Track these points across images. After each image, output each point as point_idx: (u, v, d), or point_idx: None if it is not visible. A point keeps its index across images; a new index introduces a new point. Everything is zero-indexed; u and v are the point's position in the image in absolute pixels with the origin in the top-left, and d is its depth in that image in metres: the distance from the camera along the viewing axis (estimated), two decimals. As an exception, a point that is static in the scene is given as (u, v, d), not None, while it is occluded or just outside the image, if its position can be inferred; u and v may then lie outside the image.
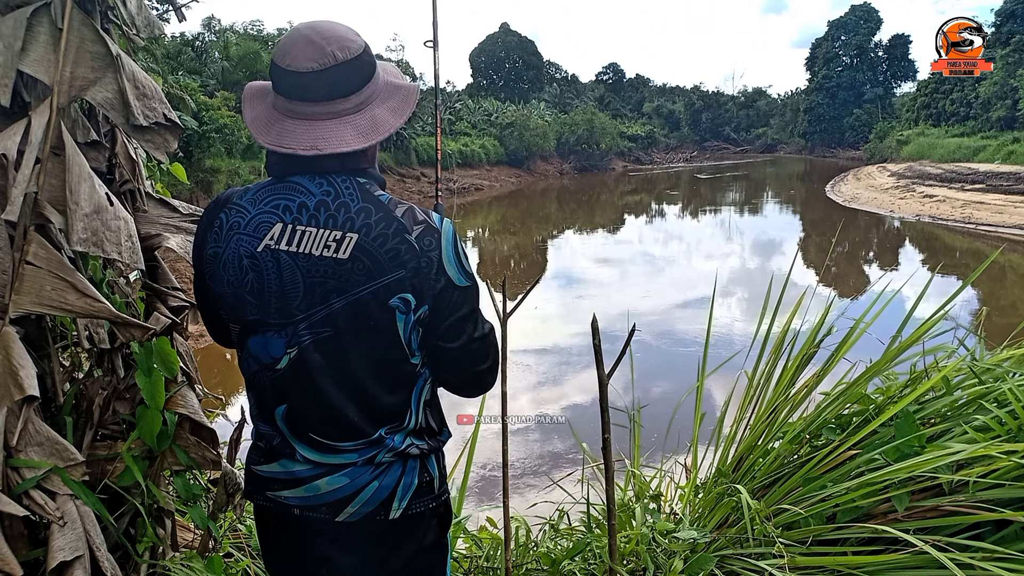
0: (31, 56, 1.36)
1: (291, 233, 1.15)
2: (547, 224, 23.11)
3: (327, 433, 1.22)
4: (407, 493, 1.25)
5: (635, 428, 2.71)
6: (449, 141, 34.47)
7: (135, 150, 1.75)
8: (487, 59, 54.79)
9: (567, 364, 8.10)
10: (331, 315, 1.15)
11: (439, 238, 1.18)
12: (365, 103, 1.21)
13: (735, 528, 2.11)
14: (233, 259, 1.17)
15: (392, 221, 1.15)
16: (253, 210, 1.18)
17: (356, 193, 1.17)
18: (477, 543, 2.40)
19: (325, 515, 1.24)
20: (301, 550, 1.30)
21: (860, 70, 51.54)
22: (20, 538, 1.45)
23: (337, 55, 1.15)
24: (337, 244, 1.13)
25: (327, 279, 1.14)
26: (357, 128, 1.18)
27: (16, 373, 1.31)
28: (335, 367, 1.18)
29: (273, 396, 1.23)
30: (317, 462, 1.23)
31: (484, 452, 4.63)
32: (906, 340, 2.24)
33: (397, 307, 1.16)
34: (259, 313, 1.18)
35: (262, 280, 1.16)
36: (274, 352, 1.19)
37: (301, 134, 1.15)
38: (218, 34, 29.17)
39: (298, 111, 1.17)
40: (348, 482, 1.22)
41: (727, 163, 52.86)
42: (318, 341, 1.17)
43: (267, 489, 1.28)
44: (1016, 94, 27.61)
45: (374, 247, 1.13)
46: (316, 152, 1.14)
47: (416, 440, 1.27)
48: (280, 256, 1.15)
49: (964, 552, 1.63)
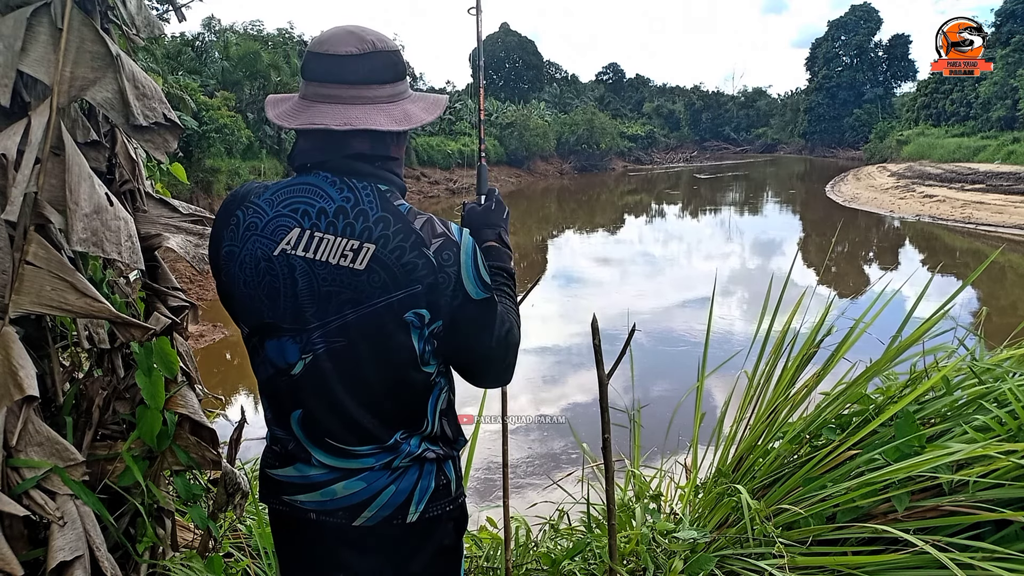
0: (31, 56, 1.36)
1: (308, 239, 1.13)
2: (547, 224, 23.10)
3: (343, 438, 1.20)
4: (424, 496, 1.25)
5: (635, 428, 2.71)
6: (449, 141, 34.49)
7: (135, 150, 1.75)
8: (487, 59, 54.66)
9: (567, 364, 8.10)
10: (345, 325, 1.14)
11: (458, 252, 1.16)
12: (398, 97, 1.20)
13: (735, 528, 2.11)
14: (249, 260, 1.16)
15: (411, 234, 1.13)
16: (271, 211, 1.16)
17: (376, 201, 1.14)
18: (477, 543, 2.40)
19: (342, 520, 1.23)
20: (318, 554, 1.29)
21: (860, 70, 51.54)
22: (20, 538, 1.45)
23: (376, 44, 1.17)
24: (354, 254, 1.12)
25: (343, 289, 1.13)
26: (390, 115, 1.17)
27: (16, 373, 1.31)
28: (350, 376, 1.17)
29: (288, 401, 1.22)
30: (333, 467, 1.22)
31: (484, 452, 4.63)
32: (906, 340, 2.24)
33: (411, 322, 1.14)
34: (273, 317, 1.17)
35: (277, 284, 1.15)
36: (289, 358, 1.18)
37: (335, 114, 1.14)
38: (218, 34, 29.14)
39: (333, 95, 1.15)
40: (365, 486, 1.21)
41: (727, 163, 52.85)
42: (332, 350, 1.15)
43: (283, 493, 1.27)
44: (1016, 94, 27.61)
45: (391, 260, 1.11)
46: (348, 127, 1.12)
47: (431, 445, 1.26)
48: (296, 262, 1.13)
49: (964, 552, 1.63)
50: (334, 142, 1.16)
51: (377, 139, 1.18)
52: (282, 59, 25.18)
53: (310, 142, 1.18)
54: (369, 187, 1.16)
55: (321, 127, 1.13)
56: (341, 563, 1.27)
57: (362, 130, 1.14)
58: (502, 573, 2.20)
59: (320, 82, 1.16)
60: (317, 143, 1.18)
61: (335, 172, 1.16)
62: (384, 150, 1.20)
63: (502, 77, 53.89)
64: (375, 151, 1.18)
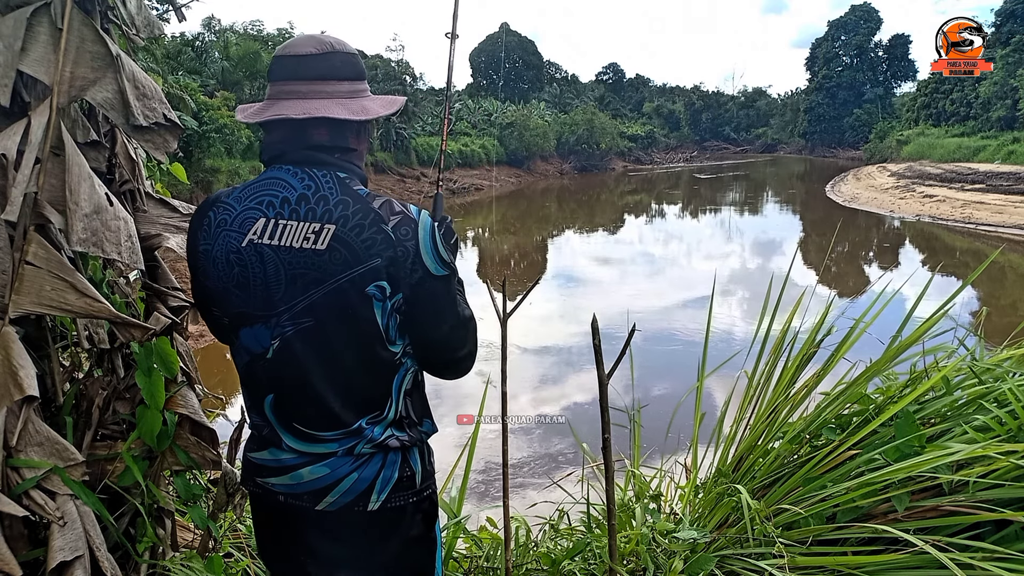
0: (31, 56, 1.36)
1: (273, 227, 1.20)
2: (547, 224, 23.10)
3: (309, 422, 1.26)
4: (386, 486, 1.28)
5: (635, 428, 2.71)
6: (449, 141, 34.41)
7: (135, 150, 1.75)
8: (487, 59, 54.77)
9: (567, 364, 8.10)
10: (311, 305, 1.19)
11: (415, 228, 1.21)
12: (356, 93, 1.28)
13: (735, 528, 2.11)
14: (221, 255, 1.22)
15: (369, 212, 1.19)
16: (239, 207, 1.23)
17: (336, 187, 1.21)
18: (477, 543, 2.39)
19: (307, 503, 1.28)
20: (287, 537, 1.35)
21: (860, 70, 51.53)
22: (20, 538, 1.45)
23: (334, 45, 1.26)
24: (316, 236, 1.18)
25: (308, 270, 1.18)
26: (347, 108, 1.24)
27: (16, 373, 1.31)
28: (317, 356, 1.22)
29: (262, 386, 1.28)
30: (301, 451, 1.27)
31: (484, 452, 4.63)
32: (906, 340, 2.24)
33: (374, 295, 1.19)
34: (244, 305, 1.23)
35: (247, 274, 1.21)
36: (262, 342, 1.24)
37: (295, 107, 1.22)
38: (218, 34, 29.15)
39: (294, 90, 1.23)
40: (328, 472, 1.26)
41: (727, 163, 52.84)
42: (300, 331, 1.21)
43: (258, 476, 1.33)
44: (1016, 94, 27.60)
45: (351, 237, 1.17)
46: (306, 115, 1.20)
47: (397, 431, 1.30)
48: (263, 250, 1.20)
49: (964, 552, 1.63)
50: (295, 134, 1.24)
51: (336, 131, 1.25)
52: (282, 59, 25.12)
53: (274, 136, 1.26)
54: (329, 175, 1.22)
55: (282, 117, 1.21)
56: (308, 547, 1.32)
57: (321, 122, 1.22)
58: (502, 573, 2.20)
59: (283, 80, 1.24)
60: (280, 136, 1.25)
61: (296, 164, 1.23)
62: (343, 141, 1.27)
63: (502, 77, 53.87)
64: (334, 142, 1.25)
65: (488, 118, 40.28)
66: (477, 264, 16.71)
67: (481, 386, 2.62)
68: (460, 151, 33.32)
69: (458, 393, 6.56)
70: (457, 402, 5.98)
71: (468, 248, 19.41)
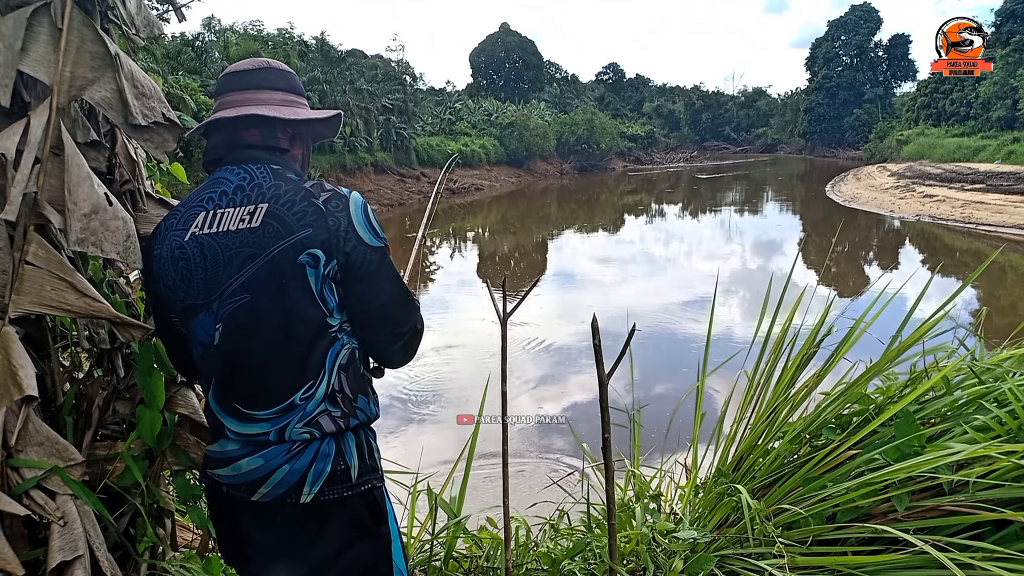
0: (31, 56, 1.36)
1: (212, 217, 1.28)
2: (547, 224, 23.10)
3: (245, 400, 1.29)
4: (319, 479, 1.30)
5: (635, 428, 2.71)
6: (449, 141, 34.47)
7: (135, 150, 1.75)
8: (487, 59, 54.79)
9: (567, 364, 8.10)
10: (245, 282, 1.25)
11: (346, 202, 1.29)
12: (289, 103, 1.39)
13: (735, 528, 2.11)
14: (167, 254, 1.30)
15: (300, 190, 1.28)
16: (184, 210, 1.32)
17: (269, 175, 1.31)
18: (477, 543, 2.39)
19: (244, 494, 1.32)
20: (231, 526, 1.40)
21: (860, 70, 51.51)
22: (20, 538, 1.45)
23: (271, 63, 1.41)
24: (251, 216, 1.26)
25: (243, 248, 1.25)
26: (277, 110, 1.35)
27: (16, 373, 1.31)
28: (253, 330, 1.26)
29: (209, 373, 1.32)
30: (240, 434, 1.30)
31: (484, 452, 4.63)
32: (906, 340, 2.24)
33: (307, 263, 1.24)
34: (189, 297, 1.29)
35: (190, 266, 1.28)
36: (208, 331, 1.29)
37: (228, 112, 1.34)
38: (218, 34, 29.17)
39: (231, 100, 1.36)
40: (262, 463, 1.29)
41: (727, 163, 52.84)
42: (237, 308, 1.26)
43: (208, 467, 1.38)
44: (1016, 94, 27.58)
45: (282, 211, 1.25)
46: (237, 113, 1.32)
47: (330, 406, 1.31)
48: (203, 240, 1.27)
49: (964, 552, 1.63)
50: (230, 137, 1.35)
51: (267, 131, 1.35)
52: (282, 59, 25.17)
53: (213, 140, 1.37)
54: (263, 167, 1.32)
55: (216, 118, 1.34)
56: (250, 537, 1.37)
57: (252, 121, 1.34)
58: (502, 573, 2.20)
59: (223, 94, 1.37)
60: (218, 140, 1.36)
61: (234, 162, 1.33)
62: (274, 141, 1.36)
63: (502, 77, 53.90)
64: (265, 142, 1.35)
65: (488, 118, 40.28)
66: (477, 264, 16.71)
67: (481, 386, 2.62)
68: (460, 151, 33.32)
69: (458, 393, 6.54)
70: (457, 403, 5.99)
71: (468, 248, 19.41)
